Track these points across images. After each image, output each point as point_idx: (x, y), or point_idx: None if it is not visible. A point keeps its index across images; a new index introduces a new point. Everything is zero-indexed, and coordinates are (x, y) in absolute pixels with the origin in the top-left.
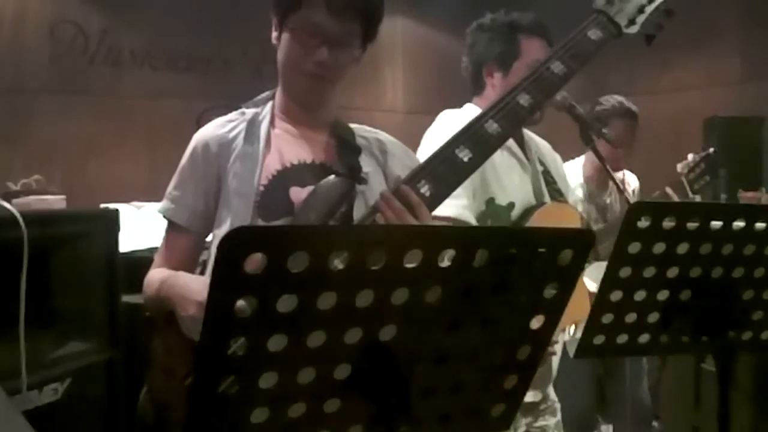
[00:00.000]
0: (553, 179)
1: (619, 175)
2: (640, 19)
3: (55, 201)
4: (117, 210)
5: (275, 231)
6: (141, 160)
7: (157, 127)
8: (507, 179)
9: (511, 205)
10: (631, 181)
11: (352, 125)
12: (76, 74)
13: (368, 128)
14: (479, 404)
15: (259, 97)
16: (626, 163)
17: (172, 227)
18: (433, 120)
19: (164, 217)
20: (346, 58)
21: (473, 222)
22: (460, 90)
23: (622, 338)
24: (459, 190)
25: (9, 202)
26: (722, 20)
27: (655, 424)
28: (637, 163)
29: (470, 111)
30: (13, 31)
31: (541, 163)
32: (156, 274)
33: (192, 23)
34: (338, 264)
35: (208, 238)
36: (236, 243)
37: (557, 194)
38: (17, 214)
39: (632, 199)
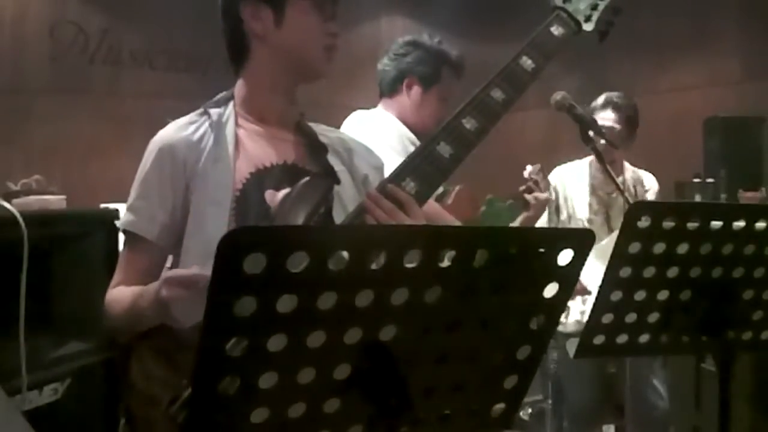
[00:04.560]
0: None
1: (630, 173)
2: (595, 16)
3: (55, 201)
4: (117, 210)
5: (275, 231)
6: (141, 160)
7: (157, 127)
8: None
9: (512, 206)
10: (647, 180)
11: (311, 124)
12: (76, 74)
13: (327, 127)
14: (479, 404)
15: (218, 97)
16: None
17: (135, 242)
18: None
19: (125, 230)
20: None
21: None
22: (459, 90)
23: (622, 338)
24: None
25: (9, 202)
26: (722, 20)
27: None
28: (637, 163)
29: (382, 114)
30: (13, 31)
31: None
32: (121, 292)
33: (192, 23)
34: (338, 264)
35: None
36: (236, 243)
37: None
38: (17, 214)
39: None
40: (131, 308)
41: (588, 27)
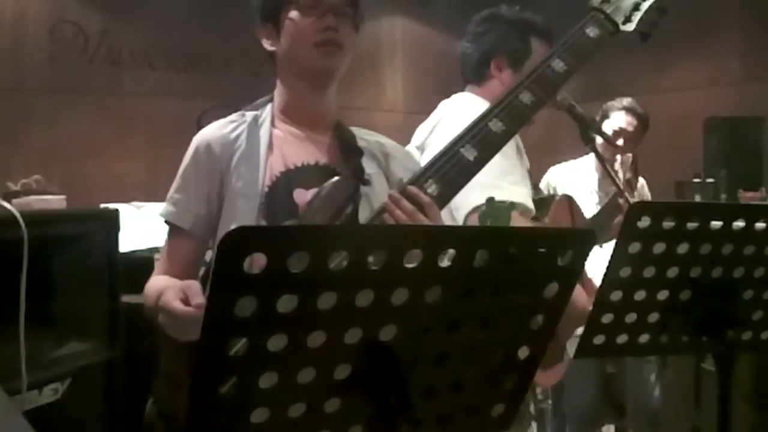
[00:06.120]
0: None
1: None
2: (636, 16)
3: (55, 201)
4: (117, 210)
5: (275, 231)
6: (141, 160)
7: (157, 127)
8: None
9: (512, 205)
10: (640, 183)
11: (352, 128)
12: (76, 74)
13: (368, 131)
14: (479, 404)
15: (258, 101)
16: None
17: (174, 231)
18: None
19: (166, 221)
20: (347, 23)
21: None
22: (461, 90)
23: (622, 338)
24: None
25: (9, 202)
26: (722, 20)
27: None
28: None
29: (473, 100)
30: (13, 31)
31: None
32: (154, 285)
33: (192, 23)
34: (338, 264)
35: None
36: (236, 243)
37: None
38: (17, 214)
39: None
40: (155, 306)
41: (628, 27)
